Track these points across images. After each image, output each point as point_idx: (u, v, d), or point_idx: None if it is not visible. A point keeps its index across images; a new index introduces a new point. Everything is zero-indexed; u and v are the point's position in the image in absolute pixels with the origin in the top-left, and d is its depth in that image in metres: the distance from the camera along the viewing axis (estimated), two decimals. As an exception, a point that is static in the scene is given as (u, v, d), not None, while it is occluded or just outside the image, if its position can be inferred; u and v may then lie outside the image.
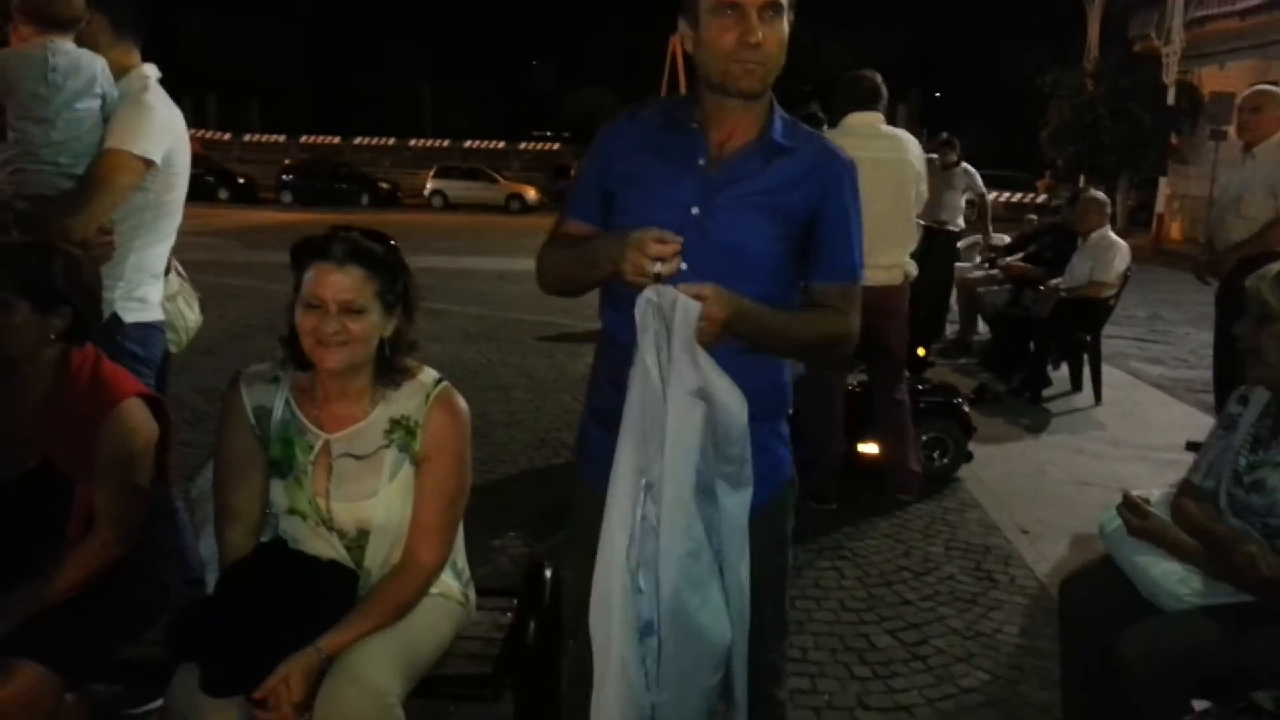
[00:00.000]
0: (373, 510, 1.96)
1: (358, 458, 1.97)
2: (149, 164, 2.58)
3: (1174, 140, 20.98)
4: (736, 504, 1.72)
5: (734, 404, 1.68)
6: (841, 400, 4.47)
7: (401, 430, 1.98)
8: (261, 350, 7.44)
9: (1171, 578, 2.13)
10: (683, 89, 32.30)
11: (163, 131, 2.62)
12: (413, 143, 36.91)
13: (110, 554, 2.08)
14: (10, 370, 2.09)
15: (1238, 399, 2.27)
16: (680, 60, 31.68)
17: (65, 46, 2.52)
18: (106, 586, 2.09)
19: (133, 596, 2.16)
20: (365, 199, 30.13)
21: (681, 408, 1.62)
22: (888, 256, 4.34)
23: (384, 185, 31.57)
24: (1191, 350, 8.94)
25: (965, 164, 8.31)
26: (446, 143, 36.61)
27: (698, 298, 1.60)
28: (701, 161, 1.78)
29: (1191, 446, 5.43)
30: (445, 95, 43.25)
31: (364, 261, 1.89)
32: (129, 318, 2.66)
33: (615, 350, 1.84)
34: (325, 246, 1.88)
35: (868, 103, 4.30)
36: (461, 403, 2.05)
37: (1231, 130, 18.56)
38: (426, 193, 30.82)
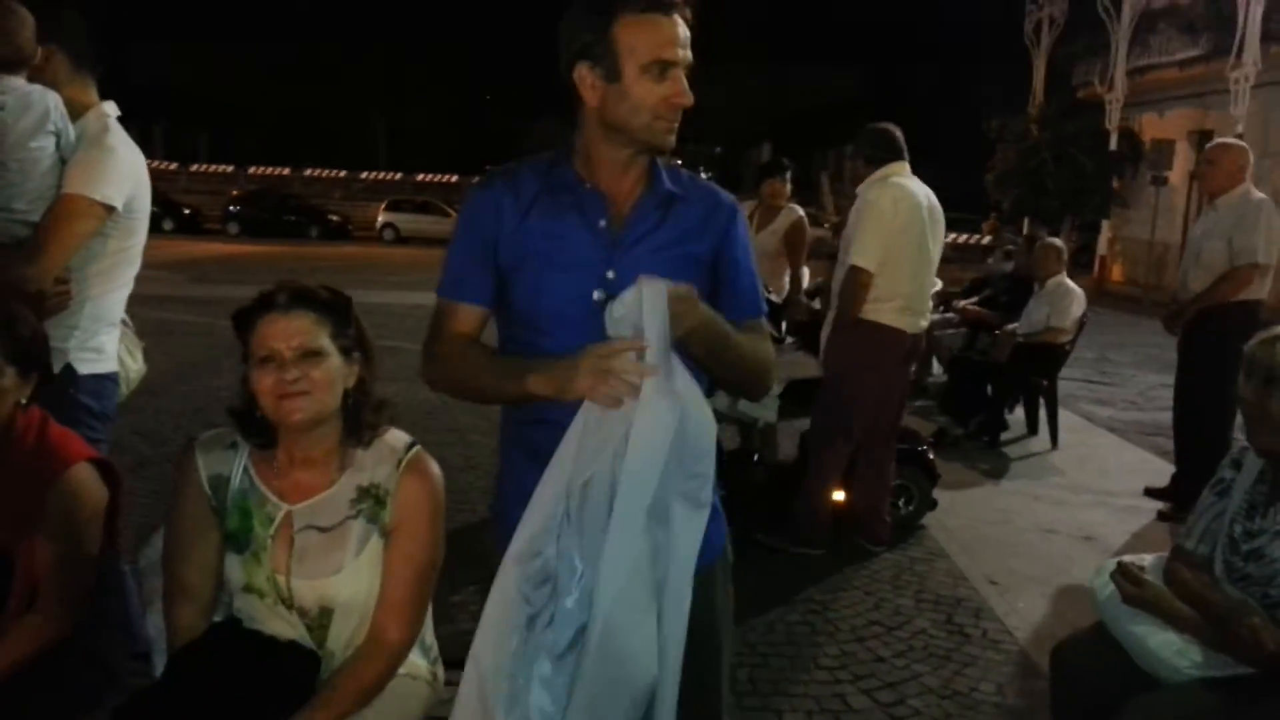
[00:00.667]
0: (338, 588, 1.81)
1: (322, 530, 1.83)
2: (110, 209, 2.45)
3: (1115, 185, 21.53)
4: (691, 526, 1.57)
5: (704, 414, 1.58)
6: (851, 446, 4.42)
7: (370, 500, 1.85)
8: (206, 390, 7.20)
9: (1169, 648, 2.07)
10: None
11: (125, 175, 2.49)
12: (364, 175, 36.69)
13: (54, 631, 1.93)
14: None
15: (1230, 463, 2.23)
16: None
17: (13, 84, 2.38)
18: (46, 664, 1.93)
19: (75, 675, 2.00)
20: (315, 231, 29.78)
21: (654, 408, 1.49)
22: (926, 303, 4.43)
23: (334, 218, 31.24)
24: (1140, 392, 9.07)
25: None
26: (398, 176, 36.43)
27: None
28: (603, 223, 1.68)
29: (1150, 493, 5.46)
30: (398, 128, 43.10)
31: (310, 305, 1.79)
32: (84, 369, 2.51)
33: (542, 429, 1.65)
34: (267, 298, 1.78)
35: (901, 154, 4.32)
36: (435, 468, 1.92)
37: (1171, 175, 19.17)
38: (378, 225, 30.54)
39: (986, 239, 23.27)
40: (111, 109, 2.60)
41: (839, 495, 4.64)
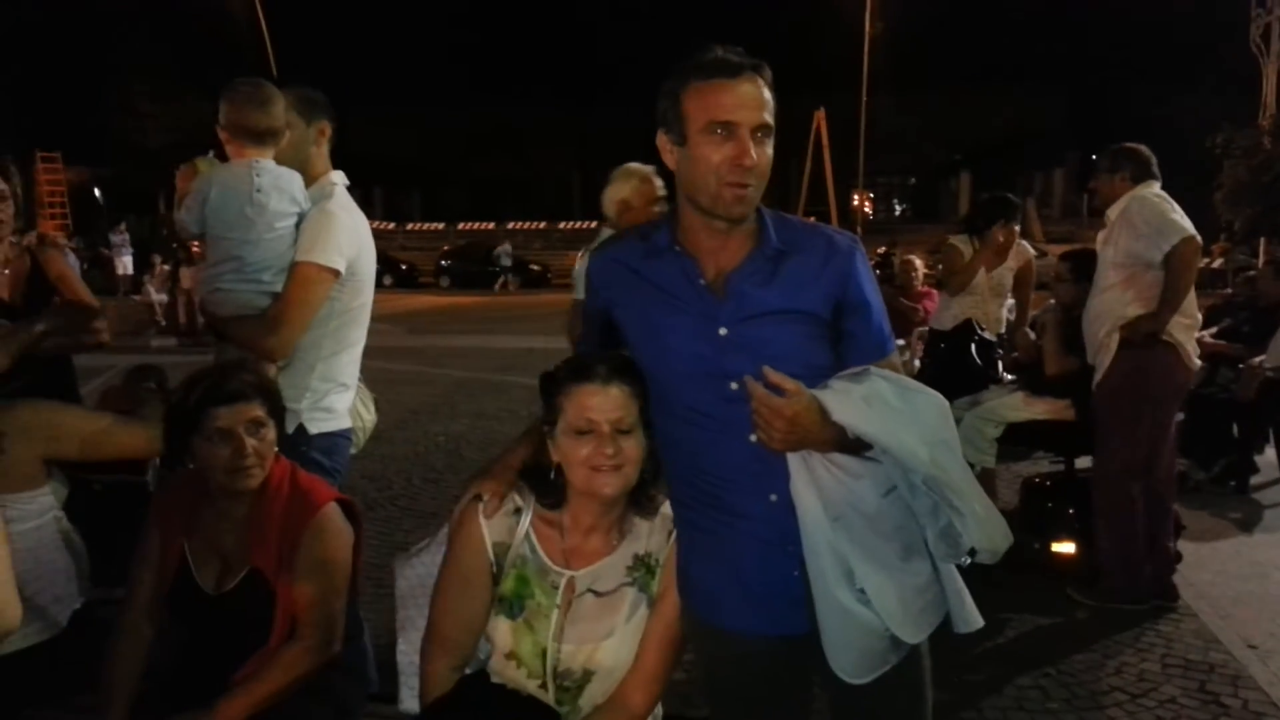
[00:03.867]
0: (605, 651, 1.84)
1: (599, 595, 1.86)
2: (336, 274, 2.57)
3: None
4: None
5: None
6: (1142, 500, 4.17)
7: (643, 568, 1.88)
8: (426, 436, 7.61)
9: None
10: (827, 166, 32.09)
11: (346, 239, 2.60)
12: (562, 225, 38.12)
13: (314, 659, 2.09)
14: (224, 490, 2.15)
15: None
16: (825, 137, 31.77)
17: (268, 166, 2.55)
18: (290, 707, 2.06)
19: (311, 714, 2.12)
20: (517, 281, 31.16)
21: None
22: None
23: (535, 267, 32.54)
24: None
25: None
26: (594, 224, 37.57)
27: (780, 387, 1.58)
28: (701, 283, 1.72)
29: None
30: (591, 180, 44.61)
31: (627, 379, 1.78)
32: (314, 429, 2.63)
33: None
34: (585, 368, 1.79)
35: (1158, 176, 4.17)
36: None
37: None
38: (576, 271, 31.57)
39: (1217, 262, 21.57)
40: (340, 178, 2.74)
41: (1068, 547, 4.35)
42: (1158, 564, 4.16)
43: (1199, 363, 4.27)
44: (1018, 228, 5.40)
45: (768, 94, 1.67)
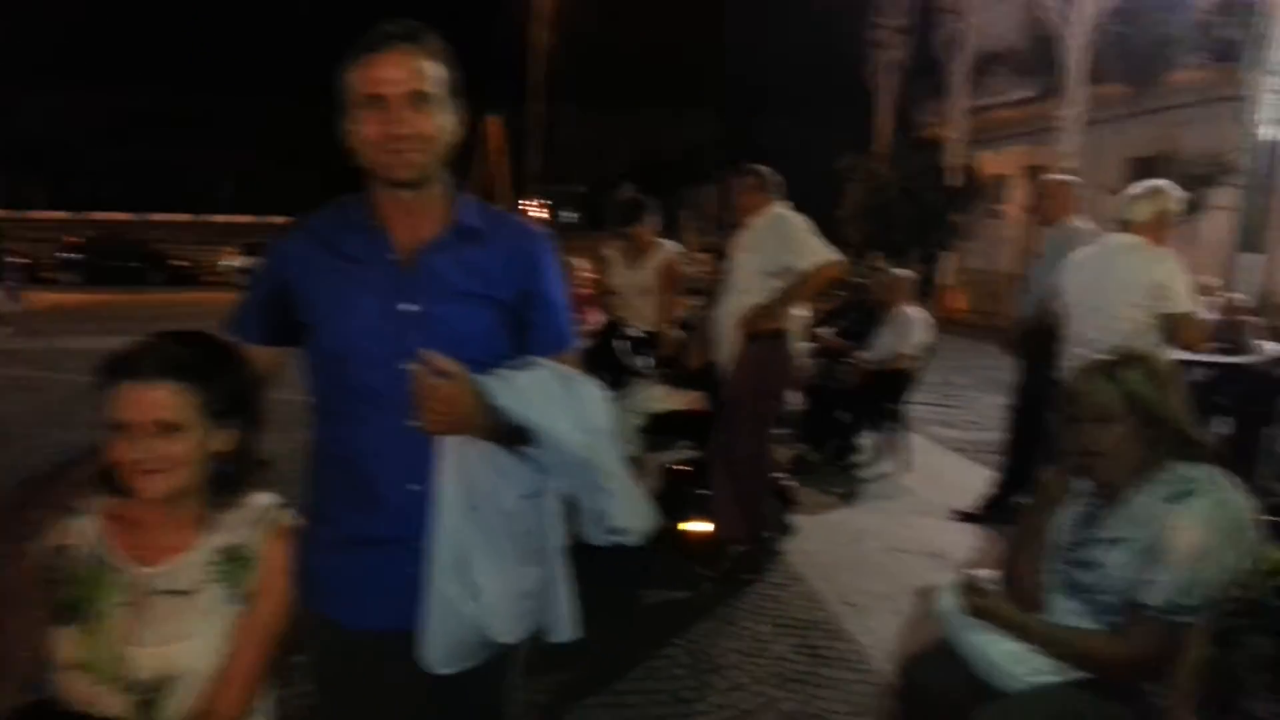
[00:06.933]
0: (184, 654, 1.67)
1: (177, 594, 1.69)
2: None
3: (955, 219, 22.76)
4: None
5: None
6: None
7: (230, 562, 1.72)
8: (38, 450, 6.70)
9: (1010, 658, 2.13)
10: (500, 172, 32.30)
11: None
12: (216, 219, 35.38)
13: None
14: None
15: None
16: (499, 143, 31.91)
17: None
18: None
19: None
20: (159, 277, 28.36)
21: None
22: None
23: (181, 263, 29.82)
24: (980, 413, 9.47)
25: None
26: (251, 218, 35.28)
27: (442, 372, 1.58)
28: (391, 257, 1.74)
29: (963, 516, 5.63)
30: (249, 171, 41.94)
31: (177, 373, 1.62)
32: None
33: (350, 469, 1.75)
34: (133, 360, 1.62)
35: None
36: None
37: (1005, 208, 20.33)
38: (225, 269, 29.29)
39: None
40: None
41: (701, 527, 4.66)
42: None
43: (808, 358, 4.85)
44: (649, 225, 5.75)
45: (424, 62, 1.67)
